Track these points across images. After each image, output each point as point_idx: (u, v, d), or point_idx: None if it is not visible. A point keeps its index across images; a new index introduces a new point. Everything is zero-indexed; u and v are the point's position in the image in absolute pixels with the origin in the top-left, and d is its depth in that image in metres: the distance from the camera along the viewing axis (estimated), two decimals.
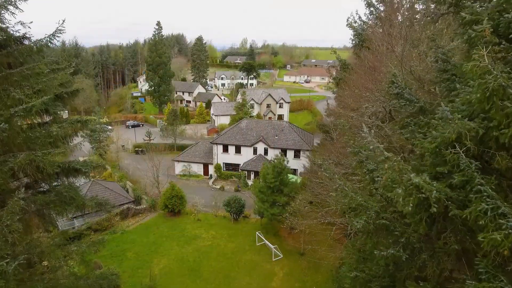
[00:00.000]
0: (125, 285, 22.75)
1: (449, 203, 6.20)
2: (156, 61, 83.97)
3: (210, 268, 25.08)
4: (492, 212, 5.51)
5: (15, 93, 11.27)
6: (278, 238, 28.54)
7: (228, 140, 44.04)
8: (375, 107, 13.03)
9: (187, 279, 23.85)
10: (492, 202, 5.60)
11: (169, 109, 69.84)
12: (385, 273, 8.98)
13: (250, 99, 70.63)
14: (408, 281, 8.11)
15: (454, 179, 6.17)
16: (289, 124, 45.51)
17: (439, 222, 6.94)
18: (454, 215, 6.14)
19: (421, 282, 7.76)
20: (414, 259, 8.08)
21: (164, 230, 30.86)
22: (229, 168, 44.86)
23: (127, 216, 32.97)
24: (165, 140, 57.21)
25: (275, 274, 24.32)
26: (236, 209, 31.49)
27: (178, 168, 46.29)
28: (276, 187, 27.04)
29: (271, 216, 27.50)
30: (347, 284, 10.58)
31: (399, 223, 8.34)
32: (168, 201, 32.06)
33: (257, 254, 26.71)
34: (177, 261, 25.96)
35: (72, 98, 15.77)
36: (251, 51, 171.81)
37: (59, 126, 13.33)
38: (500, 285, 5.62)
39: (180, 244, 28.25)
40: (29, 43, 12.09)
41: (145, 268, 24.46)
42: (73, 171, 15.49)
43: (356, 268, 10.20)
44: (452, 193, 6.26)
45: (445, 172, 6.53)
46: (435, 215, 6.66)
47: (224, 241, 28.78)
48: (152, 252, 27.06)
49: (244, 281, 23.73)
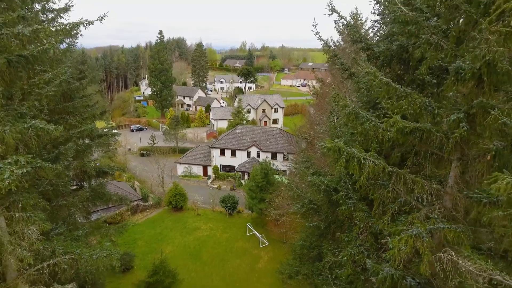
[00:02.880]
0: (138, 266, 27.84)
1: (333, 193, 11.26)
2: (159, 68, 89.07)
3: (208, 253, 30.16)
4: (348, 204, 10.49)
5: (70, 120, 16.35)
6: (265, 229, 33.59)
7: (224, 145, 49.13)
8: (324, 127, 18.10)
9: (189, 262, 28.92)
10: (351, 203, 10.59)
11: (171, 113, 74.99)
12: (314, 238, 14.05)
13: (246, 104, 75.75)
14: (325, 240, 13.19)
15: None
16: (279, 130, 50.64)
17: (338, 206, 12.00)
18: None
19: (331, 241, 12.85)
20: (328, 228, 13.17)
21: (169, 223, 35.95)
22: (225, 170, 49.92)
23: (136, 212, 38.10)
24: (167, 144, 62.22)
25: (261, 258, 29.41)
26: (231, 205, 36.56)
27: (180, 169, 51.39)
28: (263, 186, 32.12)
29: (259, 210, 32.59)
30: (297, 250, 15.66)
31: (321, 207, 13.42)
32: (172, 198, 37.15)
33: (247, 242, 31.80)
34: (180, 247, 31.05)
35: (101, 118, 20.99)
36: (250, 55, 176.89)
37: (96, 143, 18.37)
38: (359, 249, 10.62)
39: (183, 234, 33.34)
40: (78, 83, 17.15)
41: (154, 253, 29.44)
42: (103, 173, 20.71)
43: (301, 239, 15.32)
44: (334, 185, 11.30)
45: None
46: (331, 201, 11.72)
47: (219, 232, 33.87)
48: (159, 241, 32.13)
49: (236, 263, 28.82)
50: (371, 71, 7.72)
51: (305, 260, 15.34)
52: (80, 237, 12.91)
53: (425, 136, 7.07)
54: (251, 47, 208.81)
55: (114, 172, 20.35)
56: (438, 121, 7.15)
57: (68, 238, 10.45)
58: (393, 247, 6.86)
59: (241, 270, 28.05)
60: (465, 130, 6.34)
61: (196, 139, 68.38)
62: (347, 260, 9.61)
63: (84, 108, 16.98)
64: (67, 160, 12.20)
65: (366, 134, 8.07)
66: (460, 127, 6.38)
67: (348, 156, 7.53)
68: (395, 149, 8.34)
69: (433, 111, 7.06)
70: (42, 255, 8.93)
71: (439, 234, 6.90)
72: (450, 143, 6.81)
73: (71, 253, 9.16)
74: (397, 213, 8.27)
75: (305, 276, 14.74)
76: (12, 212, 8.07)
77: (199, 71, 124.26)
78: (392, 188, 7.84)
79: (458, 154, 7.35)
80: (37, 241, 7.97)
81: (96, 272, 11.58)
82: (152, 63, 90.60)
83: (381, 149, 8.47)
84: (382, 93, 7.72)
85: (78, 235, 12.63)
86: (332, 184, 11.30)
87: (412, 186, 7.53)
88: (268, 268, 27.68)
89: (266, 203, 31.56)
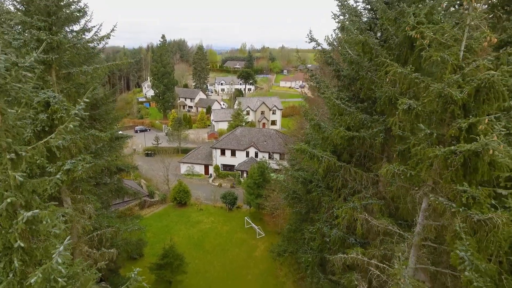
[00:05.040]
0: (148, 254, 31.20)
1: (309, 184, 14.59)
2: (161, 71, 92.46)
3: (210, 244, 33.50)
4: (317, 191, 13.84)
5: (97, 126, 19.69)
6: (262, 222, 36.94)
7: (225, 145, 52.50)
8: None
9: (193, 251, 32.26)
10: (320, 190, 13.93)
11: (173, 115, 78.36)
12: (297, 223, 17.40)
13: (246, 106, 79.16)
14: (305, 223, 16.53)
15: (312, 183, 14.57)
16: (276, 132, 54.02)
17: (311, 193, 15.33)
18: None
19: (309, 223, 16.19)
20: (308, 213, 16.51)
21: (174, 217, 39.32)
22: (226, 169, 53.29)
23: (143, 207, 41.47)
24: (171, 144, 65.58)
25: (258, 247, 32.76)
26: (231, 201, 39.92)
27: (183, 168, 54.77)
28: (260, 182, 35.46)
29: (256, 205, 35.93)
30: (285, 233, 19.02)
31: (301, 196, 16.77)
32: (177, 195, 40.52)
33: (245, 234, 35.16)
34: (185, 238, 34.40)
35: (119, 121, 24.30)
36: (250, 57, 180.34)
37: (117, 144, 21.72)
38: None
39: (187, 227, 36.70)
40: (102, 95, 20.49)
41: (161, 243, 32.75)
42: (120, 170, 24.03)
43: (288, 223, 18.67)
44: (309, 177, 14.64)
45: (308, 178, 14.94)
46: (308, 190, 15.06)
47: (220, 225, 37.23)
48: (166, 233, 35.46)
49: (235, 252, 32.17)
50: (327, 95, 11.05)
51: (291, 241, 18.70)
52: (113, 217, 16.32)
53: (361, 141, 10.42)
54: (250, 48, 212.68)
55: (130, 170, 23.67)
56: (371, 131, 10.50)
57: (108, 217, 13.76)
58: (339, 216, 10.20)
59: (240, 257, 31.40)
60: (382, 138, 9.68)
61: (198, 139, 71.72)
62: (316, 233, 12.96)
63: (107, 115, 20.33)
64: (104, 158, 15.51)
65: (326, 139, 11.41)
66: (380, 136, 9.72)
67: (311, 154, 10.87)
68: (345, 150, 11.66)
69: (367, 124, 10.40)
70: (93, 227, 12.30)
71: (370, 207, 10.21)
72: (376, 146, 10.15)
73: (113, 226, 12.54)
74: (347, 196, 11.62)
75: (291, 254, 18.10)
76: (75, 195, 11.44)
77: (200, 73, 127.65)
78: (342, 177, 11.18)
79: (386, 153, 10.69)
80: (93, 215, 11.34)
81: (128, 244, 14.92)
82: (155, 66, 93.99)
83: (336, 150, 11.82)
84: (335, 111, 11.07)
85: (111, 216, 16.03)
86: (308, 177, 14.66)
87: (355, 176, 10.87)
88: (264, 256, 31.01)
89: (262, 198, 34.87)
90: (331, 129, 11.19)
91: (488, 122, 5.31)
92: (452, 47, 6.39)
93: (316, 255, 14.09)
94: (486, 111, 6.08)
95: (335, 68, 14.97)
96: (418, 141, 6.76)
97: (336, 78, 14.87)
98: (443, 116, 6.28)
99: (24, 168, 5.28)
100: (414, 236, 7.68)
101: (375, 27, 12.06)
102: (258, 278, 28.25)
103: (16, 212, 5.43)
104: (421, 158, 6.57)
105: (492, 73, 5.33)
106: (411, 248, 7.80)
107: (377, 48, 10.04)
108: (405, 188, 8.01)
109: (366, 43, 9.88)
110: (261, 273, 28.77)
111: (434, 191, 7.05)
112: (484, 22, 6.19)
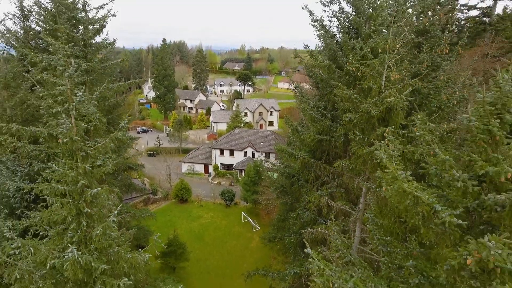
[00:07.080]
0: (152, 246, 34.02)
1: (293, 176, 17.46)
2: (162, 73, 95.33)
3: (209, 236, 36.39)
4: (298, 184, 16.71)
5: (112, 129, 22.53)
6: (257, 217, 39.84)
7: (224, 146, 55.39)
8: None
9: (194, 243, 35.14)
10: (300, 183, 16.79)
11: (174, 116, 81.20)
12: (285, 213, 20.25)
13: (244, 108, 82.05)
14: (290, 212, 19.39)
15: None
16: (272, 133, 56.92)
17: (293, 186, 18.19)
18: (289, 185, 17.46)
19: None
20: (292, 204, 19.37)
21: (176, 212, 42.21)
22: (224, 168, 56.19)
23: (148, 203, 44.36)
24: (172, 144, 68.44)
25: (254, 239, 35.66)
26: (229, 198, 42.82)
27: (184, 167, 57.64)
28: (256, 180, 38.35)
29: (252, 201, 38.82)
30: (275, 222, 21.88)
31: (287, 189, 19.64)
32: (179, 192, 43.42)
33: (242, 227, 38.07)
34: (186, 232, 37.28)
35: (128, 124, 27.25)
36: (249, 58, 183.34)
37: (126, 145, 24.56)
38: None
39: (188, 221, 39.59)
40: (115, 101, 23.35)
41: (164, 236, 35.66)
42: (129, 168, 26.87)
43: (277, 214, 21.53)
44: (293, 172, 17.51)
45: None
46: (292, 183, 17.93)
47: (219, 219, 40.13)
48: (168, 226, 38.29)
49: (233, 243, 35.07)
50: (302, 106, 13.94)
51: (280, 229, 21.58)
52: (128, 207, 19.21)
53: (327, 143, 13.31)
54: (249, 50, 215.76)
55: (137, 168, 26.52)
56: (335, 135, 13.39)
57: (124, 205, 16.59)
58: (309, 201, 13.08)
59: (237, 248, 34.30)
60: (342, 140, 12.57)
61: (198, 140, 74.59)
62: (296, 219, 15.85)
63: (119, 119, 23.18)
64: (120, 157, 18.37)
65: (302, 141, 14.30)
66: (340, 139, 12.61)
67: (289, 153, 13.76)
68: (317, 149, 14.55)
69: (332, 129, 13.29)
70: None
71: (334, 194, 13.09)
72: (339, 146, 13.05)
73: (130, 212, 15.45)
74: (320, 186, 14.50)
75: (279, 240, 20.98)
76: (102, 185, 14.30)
77: (200, 75, 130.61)
78: (315, 171, 14.06)
79: (348, 152, 13.58)
80: (118, 202, 14.21)
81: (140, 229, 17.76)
82: (156, 69, 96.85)
83: (311, 149, 14.70)
84: (309, 119, 13.96)
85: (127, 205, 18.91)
86: (291, 172, 17.56)
87: (324, 170, 13.76)
88: (259, 247, 33.89)
89: (258, 194, 37.75)
90: (306, 133, 14.06)
91: (388, 131, 8.13)
92: (377, 77, 9.25)
93: (297, 237, 16.97)
94: (398, 122, 8.93)
95: (315, 80, 17.88)
96: (356, 143, 9.63)
97: (316, 88, 17.78)
98: (369, 126, 9.14)
99: (90, 162, 8.20)
100: (358, 212, 10.54)
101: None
102: (253, 266, 31.12)
103: (83, 189, 8.36)
104: (357, 155, 9.43)
105: (393, 99, 8.18)
106: (357, 222, 10.66)
107: (338, 71, 12.90)
108: (352, 177, 10.85)
109: (330, 67, 12.72)
110: (255, 261, 31.65)
111: (369, 179, 9.91)
112: (398, 61, 9.06)
